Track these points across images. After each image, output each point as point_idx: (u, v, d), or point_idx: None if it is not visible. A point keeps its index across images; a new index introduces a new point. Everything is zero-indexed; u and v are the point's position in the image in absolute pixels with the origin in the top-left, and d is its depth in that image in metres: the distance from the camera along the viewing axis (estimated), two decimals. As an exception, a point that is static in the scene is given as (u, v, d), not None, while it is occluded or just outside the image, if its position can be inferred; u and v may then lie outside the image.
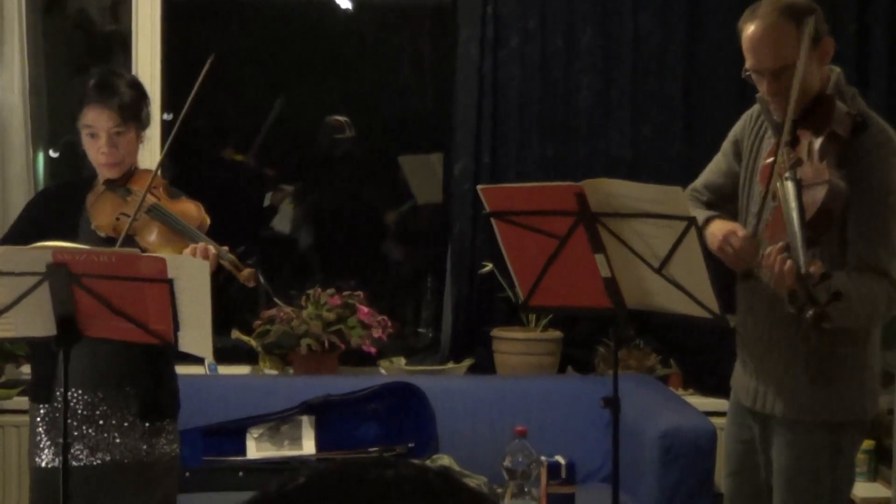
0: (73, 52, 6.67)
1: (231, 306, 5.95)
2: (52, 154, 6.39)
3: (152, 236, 3.61)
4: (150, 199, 3.65)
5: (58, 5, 6.50)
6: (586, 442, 5.10)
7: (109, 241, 3.61)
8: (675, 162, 5.58)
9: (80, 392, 3.65)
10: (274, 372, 5.58)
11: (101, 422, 3.65)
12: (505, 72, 5.68)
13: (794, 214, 3.03)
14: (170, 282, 3.16)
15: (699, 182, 3.69)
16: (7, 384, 5.43)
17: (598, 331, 5.55)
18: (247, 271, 3.48)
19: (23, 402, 5.30)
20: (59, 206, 3.81)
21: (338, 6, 6.74)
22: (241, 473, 4.92)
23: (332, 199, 6.90)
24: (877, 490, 4.92)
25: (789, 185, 3.08)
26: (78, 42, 6.68)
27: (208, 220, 3.71)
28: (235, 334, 5.56)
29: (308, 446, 5.11)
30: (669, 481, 4.68)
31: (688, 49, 5.71)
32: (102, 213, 3.70)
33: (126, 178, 3.73)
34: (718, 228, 3.35)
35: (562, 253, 3.29)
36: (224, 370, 5.58)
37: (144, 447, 3.67)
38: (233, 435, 5.09)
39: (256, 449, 5.09)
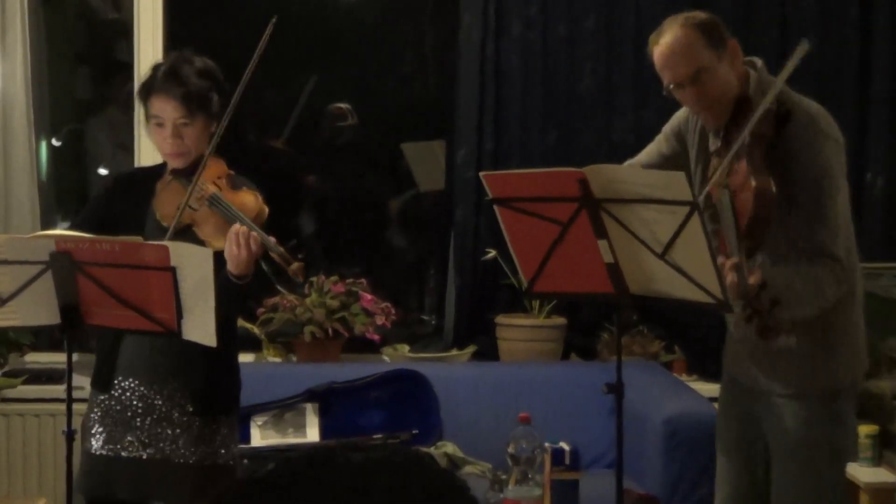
0: (74, 41, 6.66)
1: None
2: (55, 143, 6.39)
3: (209, 228, 3.53)
4: (211, 189, 3.56)
5: (59, -6, 6.50)
6: (590, 428, 5.11)
7: (176, 233, 3.51)
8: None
9: (136, 383, 3.62)
10: (277, 360, 5.59)
11: (155, 415, 3.61)
12: (507, 59, 5.68)
13: (731, 226, 3.14)
14: (173, 270, 3.16)
15: (640, 161, 3.75)
16: (12, 373, 5.43)
17: (602, 317, 5.56)
18: (296, 265, 3.43)
19: (27, 390, 5.35)
20: (128, 194, 3.71)
21: (339, -7, 6.73)
22: (245, 461, 4.92)
23: (334, 186, 6.89)
24: (881, 475, 4.92)
25: (723, 198, 3.16)
26: (80, 31, 6.67)
27: (266, 211, 3.61)
28: (239, 322, 5.55)
29: (312, 434, 5.12)
30: (674, 467, 4.69)
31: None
32: (166, 203, 3.61)
33: (194, 168, 3.59)
34: None
35: (565, 239, 3.28)
36: (228, 358, 5.57)
37: (198, 449, 3.61)
38: (238, 424, 5.09)
39: (261, 437, 5.09)
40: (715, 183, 3.23)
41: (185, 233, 3.51)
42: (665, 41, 3.42)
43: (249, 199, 3.60)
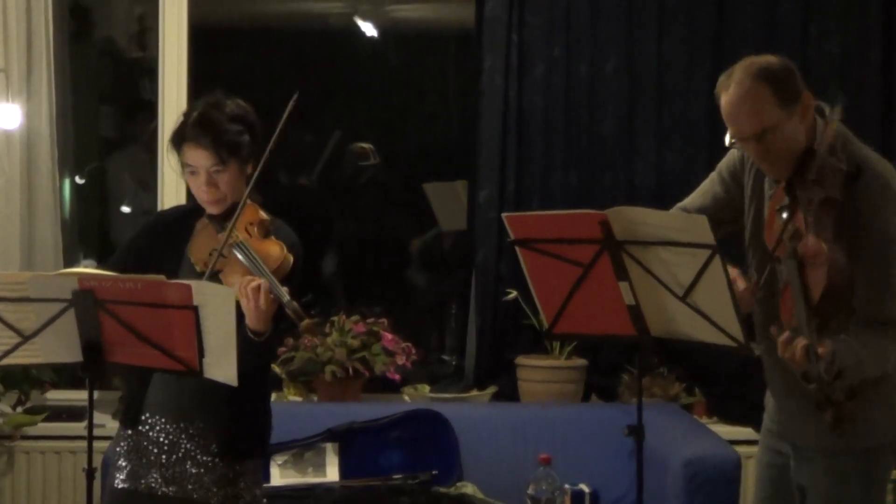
0: (100, 79, 6.71)
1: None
2: (79, 181, 6.43)
3: (235, 277, 3.47)
4: (241, 236, 3.52)
5: (85, 33, 6.55)
6: (610, 470, 5.09)
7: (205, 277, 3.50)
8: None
9: (162, 421, 3.61)
10: (298, 399, 5.58)
11: (180, 453, 3.59)
12: (529, 99, 5.69)
13: (799, 297, 3.02)
14: (195, 308, 3.16)
15: (690, 204, 3.65)
16: (33, 410, 5.44)
17: (623, 359, 5.54)
18: (307, 322, 3.36)
19: (48, 427, 5.36)
20: (167, 235, 3.69)
21: (363, 33, 6.77)
22: (265, 501, 4.92)
23: (356, 225, 6.92)
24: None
25: (791, 265, 3.06)
26: (104, 70, 6.72)
27: (290, 262, 3.55)
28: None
29: (332, 473, 5.11)
30: (694, 510, 4.66)
31: (712, 76, 5.65)
32: (199, 247, 3.59)
33: (230, 213, 3.56)
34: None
35: (586, 281, 3.29)
36: (248, 397, 5.57)
37: (220, 490, 3.59)
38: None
39: (280, 476, 5.09)
40: (780, 241, 3.16)
41: (213, 279, 3.50)
42: (734, 93, 3.28)
43: (275, 250, 3.55)
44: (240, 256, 3.48)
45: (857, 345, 3.14)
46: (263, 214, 3.62)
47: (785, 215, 3.20)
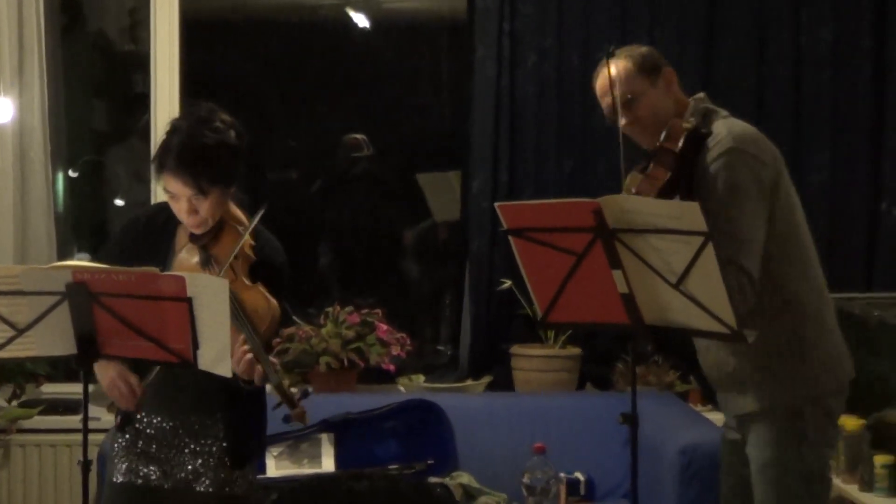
0: (92, 73, 6.70)
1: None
2: (72, 174, 6.43)
3: None
4: (228, 277, 3.42)
5: (77, 27, 6.54)
6: (605, 458, 5.10)
7: None
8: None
9: (158, 420, 3.63)
10: (293, 390, 5.57)
11: (178, 447, 3.61)
12: (522, 89, 5.70)
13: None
14: (189, 300, 3.16)
15: None
16: (28, 403, 5.45)
17: (617, 347, 5.56)
18: (298, 410, 3.41)
19: (43, 421, 5.36)
20: (149, 243, 3.64)
21: (355, 25, 6.76)
22: (274, 497, 4.93)
23: (350, 216, 6.91)
24: (898, 505, 4.90)
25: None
26: (97, 64, 6.72)
27: (278, 312, 3.54)
28: (254, 353, 5.56)
29: (328, 464, 5.11)
30: (689, 497, 4.67)
31: (704, 64, 5.73)
32: (182, 270, 3.50)
33: (214, 233, 3.54)
34: None
35: (579, 269, 3.29)
36: (243, 389, 5.58)
37: (218, 479, 3.61)
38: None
39: (276, 467, 5.09)
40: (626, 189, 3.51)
41: None
42: (602, 73, 3.63)
43: (260, 302, 3.50)
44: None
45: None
46: (248, 249, 3.56)
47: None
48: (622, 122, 3.61)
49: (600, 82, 3.67)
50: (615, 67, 3.59)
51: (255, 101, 6.52)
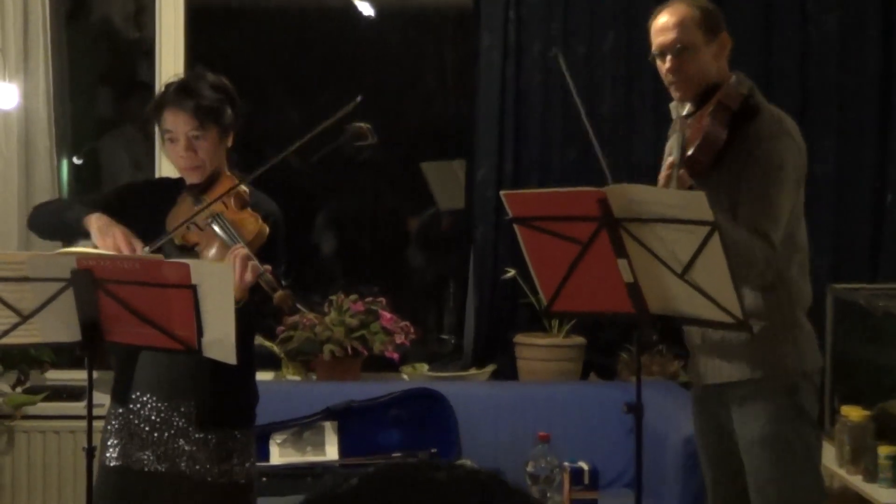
0: (96, 60, 6.70)
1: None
2: (76, 161, 6.42)
3: (212, 251, 3.50)
4: (218, 209, 3.52)
5: (82, 14, 6.54)
6: (609, 448, 5.10)
7: (183, 249, 3.53)
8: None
9: (153, 399, 3.61)
10: (297, 378, 5.59)
11: (172, 430, 3.59)
12: (527, 78, 5.69)
13: (679, 149, 3.53)
14: (193, 287, 3.16)
15: None
16: (32, 390, 5.45)
17: (621, 337, 5.55)
18: (280, 293, 3.36)
19: (47, 407, 5.36)
20: (151, 202, 3.68)
21: (360, 13, 6.75)
22: (264, 479, 4.93)
23: (354, 205, 6.91)
24: (901, 496, 4.89)
25: (679, 135, 3.57)
26: (102, 51, 6.71)
27: (266, 234, 3.56)
28: (258, 340, 5.56)
29: (331, 452, 5.12)
30: (692, 487, 4.67)
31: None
32: (176, 220, 3.58)
33: (209, 183, 3.60)
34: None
35: (584, 258, 3.29)
36: (247, 376, 5.58)
37: (213, 465, 3.59)
38: (256, 441, 5.09)
39: (279, 455, 5.10)
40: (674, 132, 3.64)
41: (189, 252, 3.51)
42: (666, 12, 3.65)
43: (250, 222, 3.56)
44: (216, 229, 3.50)
45: (729, 223, 3.38)
46: (242, 187, 3.63)
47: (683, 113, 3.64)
48: (666, 65, 3.64)
49: (661, 17, 3.67)
50: (680, 9, 3.62)
51: (260, 89, 6.53)
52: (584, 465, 5.10)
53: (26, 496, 5.40)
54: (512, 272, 5.50)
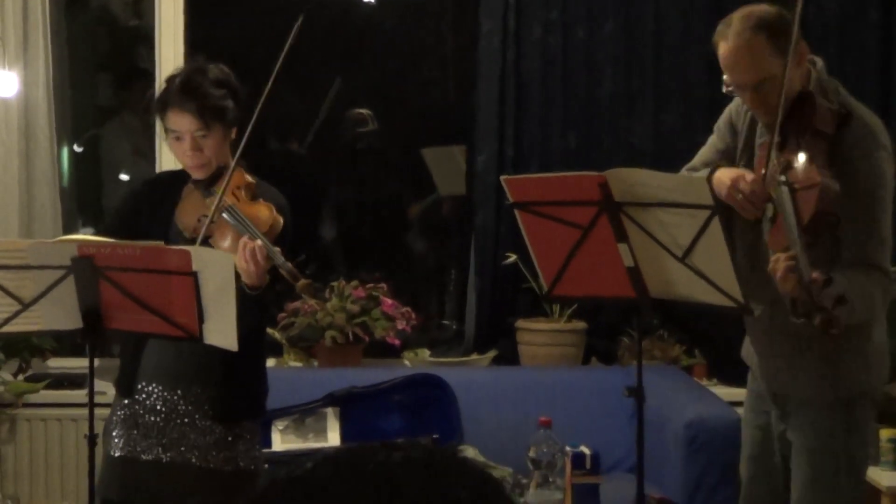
0: (96, 48, 6.69)
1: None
2: (77, 149, 6.42)
3: (226, 242, 3.50)
4: (230, 201, 3.52)
5: (81, 1, 6.53)
6: (611, 432, 5.10)
7: (194, 243, 3.50)
8: (698, 152, 5.57)
9: (159, 388, 3.60)
10: (298, 364, 5.59)
11: (177, 420, 3.59)
12: (527, 63, 5.68)
13: (792, 221, 3.02)
14: (194, 274, 3.16)
15: (697, 162, 3.67)
16: (34, 378, 5.45)
17: (622, 321, 5.55)
18: (302, 282, 3.37)
19: (49, 395, 5.36)
20: (154, 200, 3.69)
21: (360, -1, 6.75)
22: (266, 465, 4.93)
23: (355, 191, 6.91)
24: (903, 479, 4.90)
25: (783, 191, 3.07)
26: (101, 38, 6.70)
27: (280, 224, 3.56)
28: (261, 327, 5.56)
29: (333, 438, 5.13)
30: (694, 471, 4.68)
31: (710, 38, 5.66)
32: (186, 213, 3.59)
33: (215, 178, 3.59)
34: (725, 174, 3.34)
35: (585, 243, 3.29)
36: (249, 363, 5.58)
37: (220, 454, 3.59)
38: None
39: (281, 441, 5.10)
40: (770, 176, 3.19)
41: (203, 245, 3.50)
42: (732, 44, 3.34)
43: (264, 212, 3.56)
44: (229, 220, 3.49)
45: (846, 280, 3.13)
46: (249, 178, 3.63)
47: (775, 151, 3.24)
48: (747, 99, 3.38)
49: (726, 53, 3.37)
50: (744, 39, 3.31)
51: (260, 75, 6.50)
52: (585, 450, 5.09)
53: (29, 484, 5.40)
54: (513, 257, 5.50)
